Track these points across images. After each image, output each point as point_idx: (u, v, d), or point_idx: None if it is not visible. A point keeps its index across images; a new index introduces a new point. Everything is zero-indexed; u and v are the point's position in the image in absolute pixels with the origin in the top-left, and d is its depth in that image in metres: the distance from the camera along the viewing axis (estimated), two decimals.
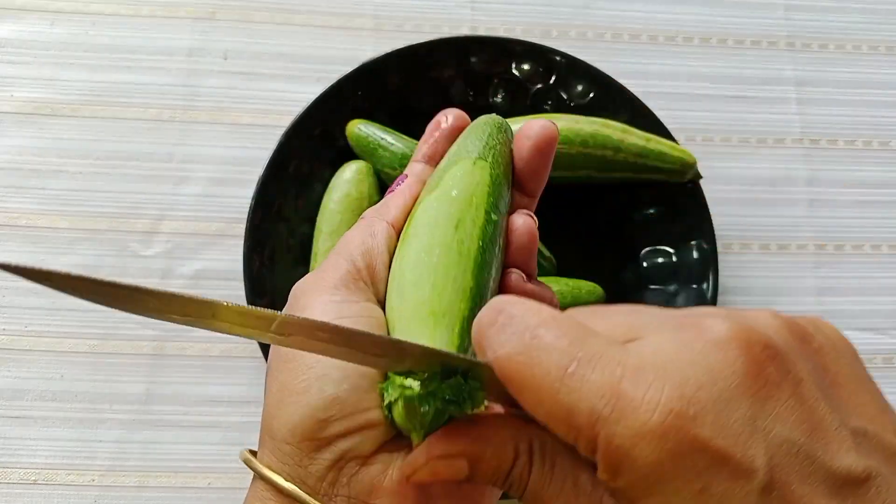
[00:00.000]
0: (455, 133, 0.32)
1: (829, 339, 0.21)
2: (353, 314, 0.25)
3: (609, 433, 0.18)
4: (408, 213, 0.29)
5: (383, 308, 0.27)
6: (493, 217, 0.28)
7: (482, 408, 0.23)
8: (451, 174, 0.29)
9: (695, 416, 0.18)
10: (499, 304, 0.21)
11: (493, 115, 0.32)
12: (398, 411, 0.24)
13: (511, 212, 0.30)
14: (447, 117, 0.33)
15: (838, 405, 0.19)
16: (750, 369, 0.18)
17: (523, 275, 0.29)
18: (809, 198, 0.55)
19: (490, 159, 0.29)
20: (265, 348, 0.45)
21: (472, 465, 0.22)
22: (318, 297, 0.26)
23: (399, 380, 0.23)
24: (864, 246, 0.54)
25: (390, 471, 0.24)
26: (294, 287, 0.27)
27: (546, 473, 0.21)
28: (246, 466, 0.25)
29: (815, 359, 0.20)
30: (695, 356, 0.18)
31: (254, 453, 0.26)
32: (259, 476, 0.25)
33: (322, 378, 0.24)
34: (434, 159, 0.32)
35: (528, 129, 0.29)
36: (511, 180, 0.30)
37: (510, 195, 0.30)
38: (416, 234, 0.27)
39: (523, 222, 0.29)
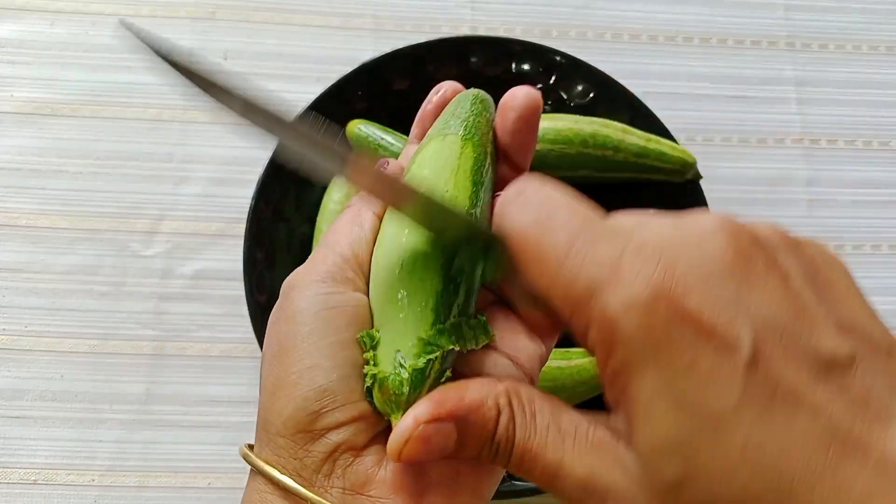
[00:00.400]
0: (442, 108, 0.31)
1: (821, 252, 0.22)
2: (338, 304, 0.25)
3: (603, 303, 0.19)
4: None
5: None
6: (468, 190, 0.28)
7: (491, 338, 0.25)
8: (421, 155, 0.28)
9: (683, 290, 0.18)
10: (522, 184, 0.23)
11: (474, 89, 0.31)
12: (375, 395, 0.24)
13: (500, 186, 0.29)
14: (437, 92, 0.32)
15: (827, 300, 0.20)
16: (738, 257, 0.19)
17: None
18: (809, 198, 0.55)
19: (462, 133, 0.28)
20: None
21: (459, 429, 0.22)
22: (306, 290, 0.26)
23: (369, 367, 0.24)
24: (864, 246, 0.54)
25: (385, 462, 0.24)
26: (285, 281, 0.27)
27: (529, 424, 0.22)
28: (245, 462, 0.25)
29: (806, 266, 0.20)
30: (688, 240, 0.20)
31: (252, 448, 0.26)
32: (256, 470, 0.25)
33: (312, 369, 0.24)
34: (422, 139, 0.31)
35: (512, 99, 0.28)
36: (494, 153, 0.30)
37: (492, 169, 0.29)
38: (388, 219, 0.28)
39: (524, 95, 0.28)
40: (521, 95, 0.28)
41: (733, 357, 0.18)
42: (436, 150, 0.28)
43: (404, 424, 0.22)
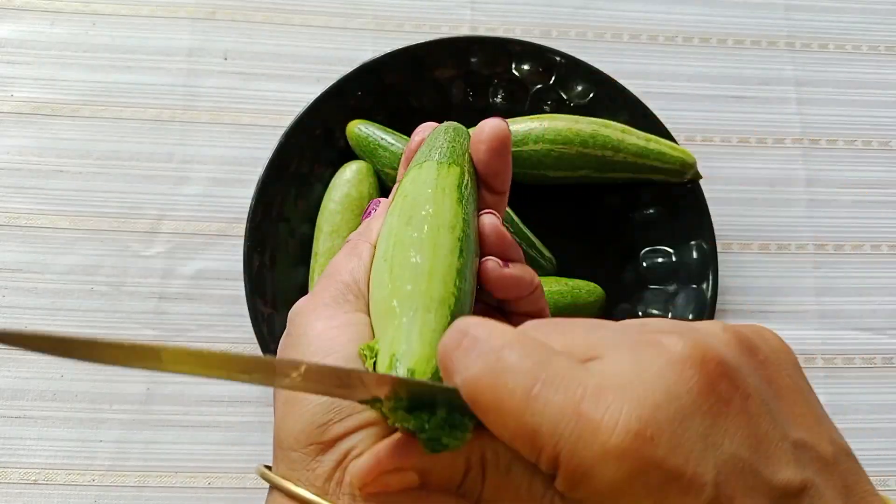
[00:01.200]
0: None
1: (773, 349, 0.22)
2: (340, 324, 0.27)
3: (569, 452, 0.19)
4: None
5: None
6: (448, 207, 0.29)
7: (468, 436, 0.23)
8: (402, 186, 0.30)
9: (652, 436, 0.18)
10: (463, 326, 0.21)
11: (448, 122, 0.33)
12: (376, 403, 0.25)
13: (481, 208, 0.31)
14: (419, 133, 0.33)
15: (780, 418, 0.21)
16: (704, 387, 0.19)
17: (499, 261, 0.29)
18: (809, 198, 0.55)
19: (438, 158, 0.30)
20: (265, 348, 0.45)
21: (422, 477, 0.22)
22: (309, 315, 0.27)
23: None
24: (864, 246, 0.54)
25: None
26: (290, 311, 0.29)
27: (501, 481, 0.22)
28: (263, 480, 0.26)
29: (760, 371, 0.21)
30: (652, 376, 0.19)
31: (269, 469, 0.27)
32: (274, 486, 0.26)
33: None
34: None
35: (480, 132, 0.30)
36: (473, 174, 0.31)
37: (474, 188, 0.31)
38: (378, 245, 0.29)
39: (488, 221, 0.30)
40: (488, 128, 0.29)
41: (697, 497, 0.19)
42: (414, 177, 0.30)
43: (366, 464, 0.22)
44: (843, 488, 0.21)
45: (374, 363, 0.25)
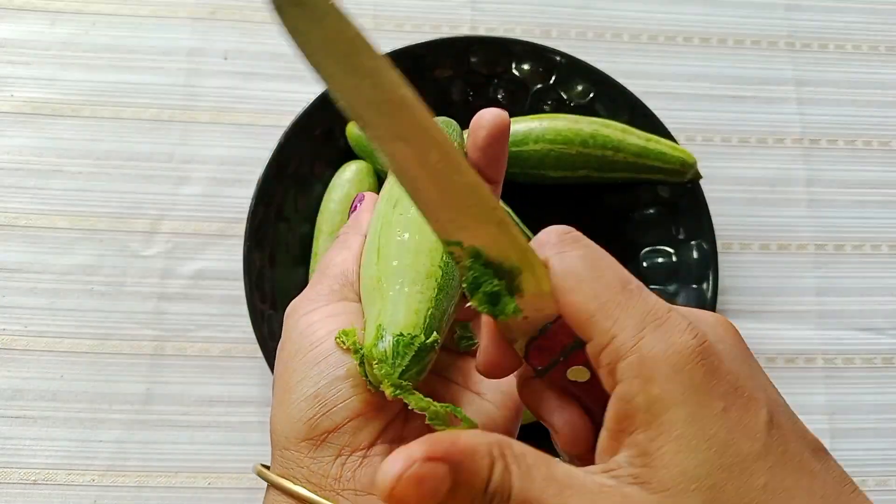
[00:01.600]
0: None
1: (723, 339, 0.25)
2: (325, 315, 0.28)
3: (653, 339, 0.21)
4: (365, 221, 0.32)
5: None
6: None
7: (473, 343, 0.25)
8: (390, 175, 0.31)
9: (721, 355, 0.21)
10: (565, 227, 0.24)
11: (437, 117, 0.33)
12: (367, 371, 0.26)
13: None
14: None
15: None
16: (743, 345, 0.23)
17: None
18: (809, 198, 0.55)
19: None
20: (265, 348, 0.45)
21: (452, 475, 0.21)
22: (295, 314, 0.28)
23: (356, 348, 0.26)
24: (864, 246, 0.54)
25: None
26: (287, 308, 0.30)
27: (527, 473, 0.21)
28: (260, 478, 0.27)
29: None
30: (710, 323, 0.23)
31: (267, 468, 0.27)
32: (272, 485, 0.26)
33: (301, 382, 0.26)
34: None
35: (481, 118, 0.30)
36: None
37: None
38: (368, 231, 0.31)
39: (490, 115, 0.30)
40: (488, 115, 0.30)
41: (757, 414, 0.21)
42: None
43: (396, 461, 0.21)
44: None
45: (354, 344, 0.26)
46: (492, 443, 0.22)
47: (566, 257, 0.23)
